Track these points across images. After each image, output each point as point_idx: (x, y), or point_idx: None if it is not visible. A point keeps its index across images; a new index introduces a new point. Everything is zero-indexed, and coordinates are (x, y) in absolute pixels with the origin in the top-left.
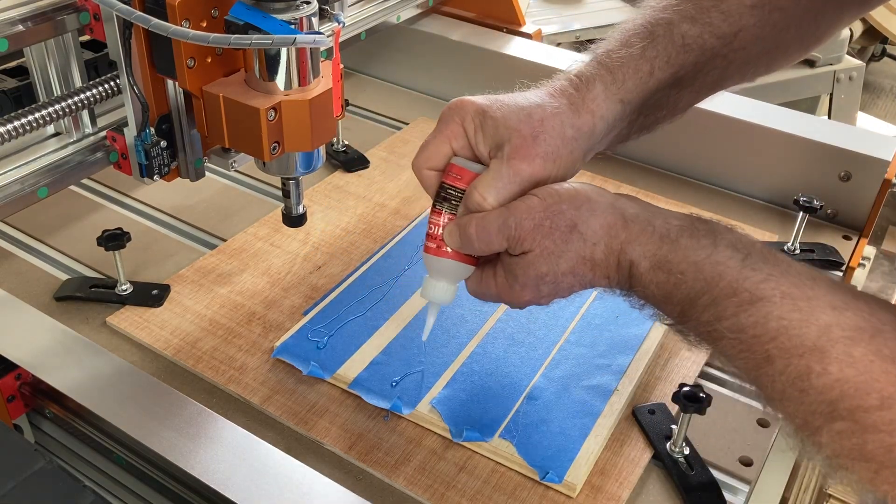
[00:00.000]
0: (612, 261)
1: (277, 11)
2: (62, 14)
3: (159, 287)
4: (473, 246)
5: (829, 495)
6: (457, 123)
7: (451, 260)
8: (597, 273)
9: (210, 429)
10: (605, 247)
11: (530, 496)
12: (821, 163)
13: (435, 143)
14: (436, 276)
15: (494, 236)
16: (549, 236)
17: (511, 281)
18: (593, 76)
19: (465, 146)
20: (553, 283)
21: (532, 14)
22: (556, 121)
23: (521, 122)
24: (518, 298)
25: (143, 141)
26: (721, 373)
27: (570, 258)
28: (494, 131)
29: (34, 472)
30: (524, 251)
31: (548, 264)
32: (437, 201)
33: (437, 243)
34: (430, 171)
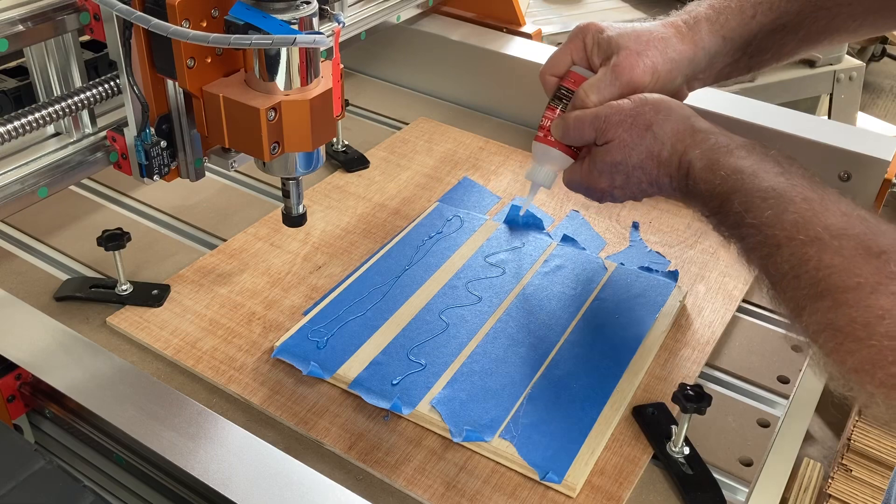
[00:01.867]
0: (675, 161)
1: (277, 11)
2: (62, 14)
3: (159, 287)
4: (570, 134)
5: (829, 495)
6: (579, 39)
7: (554, 148)
8: (661, 170)
9: (210, 429)
10: (671, 147)
11: (530, 496)
12: (821, 163)
13: (559, 54)
14: (541, 160)
15: (587, 127)
16: (628, 131)
17: (592, 168)
18: (700, 15)
19: (583, 58)
20: (625, 173)
21: (532, 14)
22: (661, 43)
23: (630, 39)
24: (596, 184)
25: (143, 141)
26: (721, 373)
27: (641, 152)
28: (608, 46)
29: (34, 472)
30: (607, 141)
31: (622, 154)
32: (552, 100)
33: (545, 132)
34: (551, 77)
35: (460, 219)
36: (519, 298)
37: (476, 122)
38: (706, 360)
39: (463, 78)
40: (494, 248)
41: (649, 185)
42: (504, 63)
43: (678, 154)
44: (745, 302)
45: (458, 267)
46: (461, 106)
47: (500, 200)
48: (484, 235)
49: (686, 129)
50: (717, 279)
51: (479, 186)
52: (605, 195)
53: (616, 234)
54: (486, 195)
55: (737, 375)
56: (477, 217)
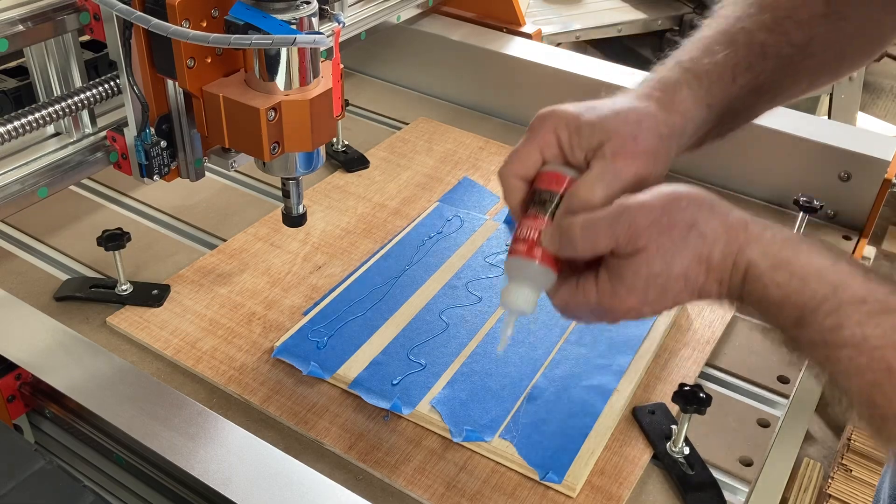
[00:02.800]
0: (729, 263)
1: (277, 11)
2: (62, 14)
3: (159, 287)
4: (577, 246)
5: (829, 495)
6: (548, 131)
7: (541, 265)
8: (710, 276)
9: (210, 429)
10: (725, 246)
11: (530, 496)
12: (821, 163)
13: (526, 151)
14: (520, 281)
15: (602, 234)
16: (666, 233)
17: (616, 284)
18: (679, 80)
19: (558, 154)
20: (663, 286)
21: (532, 14)
22: (652, 120)
23: (618, 123)
24: (620, 305)
25: (143, 141)
26: (721, 373)
27: (686, 257)
28: (591, 135)
29: (34, 472)
30: (637, 249)
31: (662, 263)
32: (530, 207)
33: (527, 245)
34: (518, 181)
35: (460, 219)
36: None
37: (476, 122)
38: (706, 360)
39: (463, 78)
40: (494, 248)
41: (690, 295)
42: (504, 63)
43: (733, 254)
44: None
45: (458, 267)
46: (461, 106)
47: (500, 200)
48: (484, 235)
49: (737, 223)
50: None
51: (479, 186)
52: (626, 315)
53: None
54: (486, 195)
55: (737, 375)
56: (477, 217)
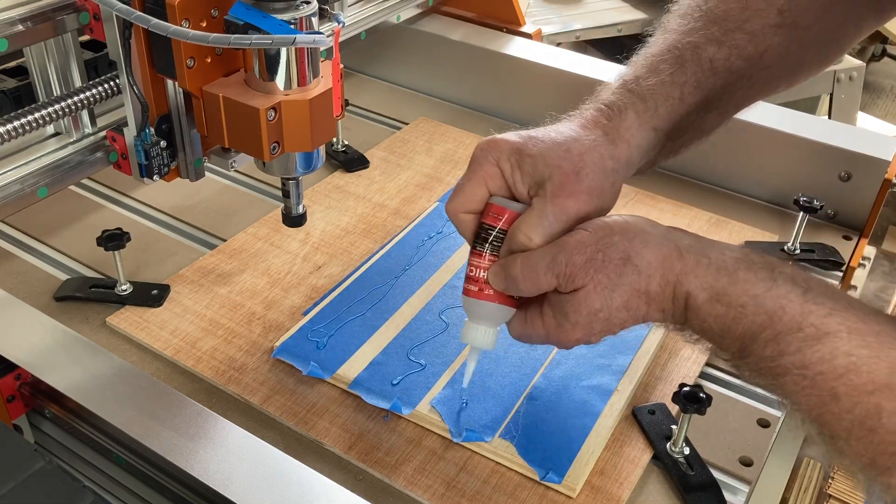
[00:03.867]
0: (668, 293)
1: (277, 11)
2: (62, 14)
3: (159, 287)
4: (519, 287)
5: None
6: (491, 164)
7: (493, 303)
8: (651, 306)
9: (210, 429)
10: (661, 278)
11: (530, 496)
12: (821, 163)
13: (470, 186)
14: (477, 319)
15: (543, 275)
16: (601, 270)
17: (561, 320)
18: (624, 104)
19: (502, 186)
20: (606, 319)
21: (532, 14)
22: (596, 154)
23: (560, 157)
24: (568, 338)
25: (142, 141)
26: (721, 373)
27: (625, 291)
28: (533, 169)
29: (34, 472)
30: (576, 287)
31: (601, 299)
32: (476, 243)
33: (478, 286)
34: (466, 215)
35: None
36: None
37: (476, 122)
38: (706, 360)
39: (463, 78)
40: None
41: (635, 321)
42: (504, 63)
43: (671, 284)
44: None
45: (458, 267)
46: (461, 106)
47: None
48: None
49: (671, 252)
50: None
51: None
52: (577, 343)
53: None
54: None
55: (737, 375)
56: None
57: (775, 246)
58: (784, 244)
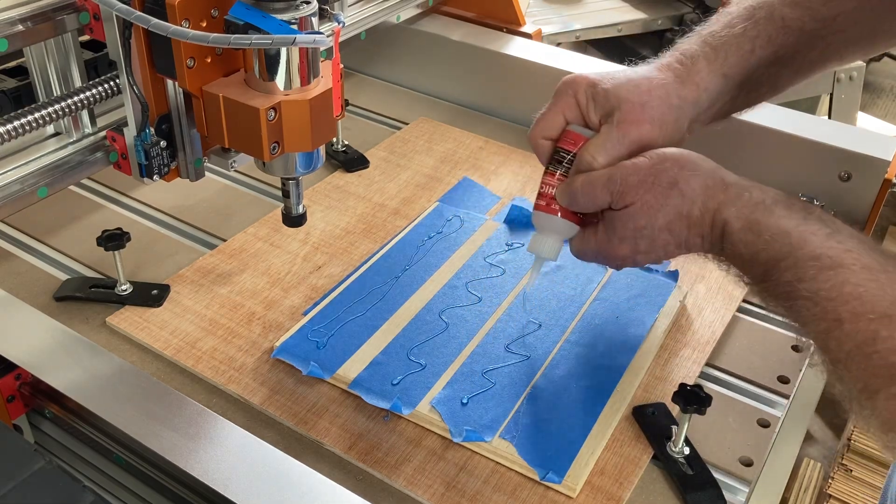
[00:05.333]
0: (707, 219)
1: (277, 11)
2: (62, 14)
3: (159, 287)
4: (578, 201)
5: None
6: (570, 96)
7: (558, 217)
8: (692, 231)
9: (210, 429)
10: (702, 205)
11: (530, 496)
12: (821, 163)
13: (550, 115)
14: (543, 231)
15: (599, 191)
16: (650, 191)
17: (610, 234)
18: (697, 53)
19: (578, 116)
20: (650, 238)
21: (532, 14)
22: (663, 90)
23: (629, 91)
24: (615, 252)
25: (142, 141)
26: (721, 373)
27: (668, 213)
28: (605, 101)
29: (34, 472)
30: (626, 205)
31: (646, 217)
32: (550, 164)
33: (547, 201)
34: (544, 141)
35: (460, 219)
36: (519, 298)
37: (476, 122)
38: (706, 360)
39: (463, 78)
40: (494, 248)
41: (677, 247)
42: (504, 63)
43: (710, 212)
44: (745, 302)
45: (458, 267)
46: (461, 106)
47: (500, 200)
48: (484, 235)
49: (716, 184)
50: (717, 279)
51: (479, 186)
52: (625, 262)
53: None
54: (486, 195)
55: (737, 375)
56: (477, 217)
57: None
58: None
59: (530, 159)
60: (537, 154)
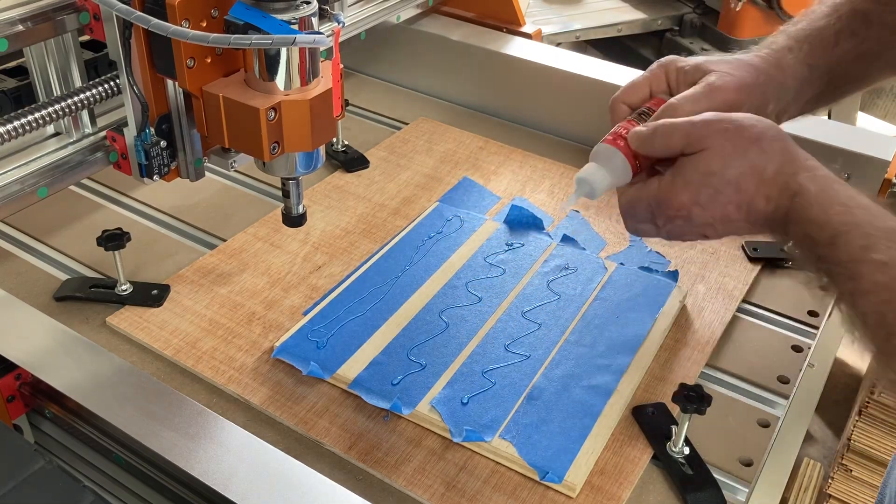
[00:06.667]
0: (780, 181)
1: (277, 11)
2: (62, 14)
3: (159, 287)
4: (654, 143)
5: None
6: (661, 70)
7: (622, 155)
8: (760, 190)
9: (210, 429)
10: (778, 167)
11: (530, 496)
12: (821, 163)
13: (637, 82)
14: (602, 161)
15: (678, 134)
16: (731, 139)
17: (675, 176)
18: (783, 45)
19: (665, 91)
20: (715, 188)
21: (532, 14)
22: (752, 68)
23: (719, 64)
24: (674, 198)
25: (142, 141)
26: (721, 373)
27: (742, 166)
28: (695, 72)
29: (34, 472)
30: (702, 148)
31: (719, 163)
32: (632, 115)
33: (615, 137)
34: (624, 106)
35: (460, 219)
36: (519, 298)
37: (476, 122)
38: (706, 360)
39: (463, 78)
40: (494, 248)
41: (736, 207)
42: (504, 63)
43: (785, 175)
44: (745, 302)
45: (458, 267)
46: (461, 106)
47: (500, 200)
48: (484, 235)
49: (798, 154)
50: (717, 279)
51: (479, 186)
52: (678, 214)
53: (616, 234)
54: (486, 195)
55: (737, 375)
56: (477, 217)
57: (775, 246)
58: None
59: (530, 159)
60: (612, 117)
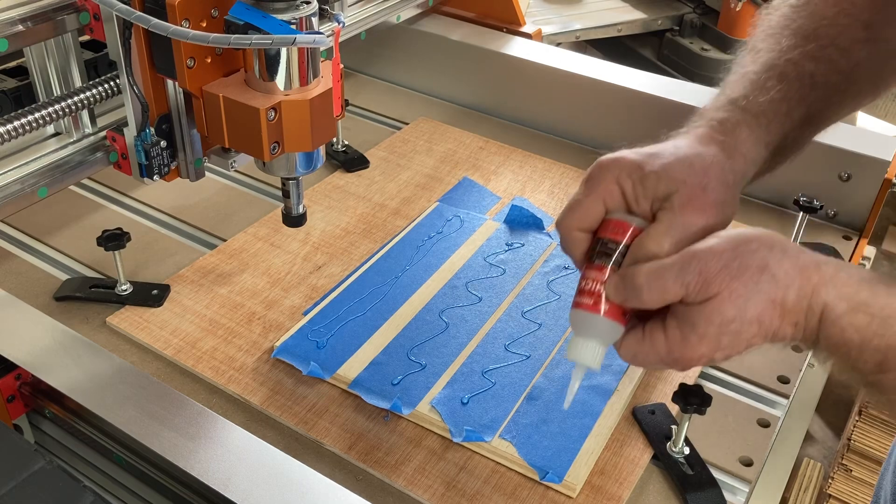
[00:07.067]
0: (804, 305)
1: (277, 11)
2: (62, 14)
3: (159, 287)
4: (643, 296)
5: (829, 495)
6: (610, 181)
7: (608, 318)
8: (785, 320)
9: (210, 429)
10: (799, 289)
11: (530, 496)
12: (821, 163)
13: (588, 203)
14: (587, 335)
15: (671, 283)
16: (738, 277)
17: (687, 332)
18: (737, 121)
19: (621, 203)
20: (736, 332)
21: (532, 14)
22: (718, 168)
23: (685, 172)
24: (693, 353)
25: (142, 141)
26: (721, 373)
27: (760, 301)
28: (656, 184)
29: (34, 472)
30: (709, 295)
31: (736, 308)
32: (595, 257)
33: (593, 299)
34: (580, 233)
35: (460, 219)
36: (519, 298)
37: (476, 122)
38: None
39: (463, 78)
40: (494, 248)
41: (763, 338)
42: (504, 63)
43: (807, 296)
44: None
45: (458, 267)
46: (461, 106)
47: (500, 200)
48: (484, 235)
49: (809, 263)
50: None
51: (479, 186)
52: (698, 363)
53: None
54: (486, 195)
55: (737, 375)
56: (477, 217)
57: None
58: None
59: (530, 159)
60: (569, 248)
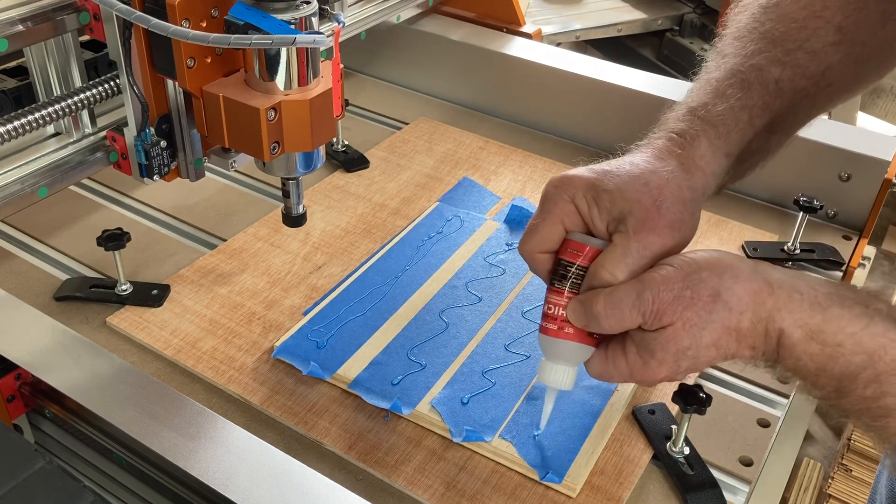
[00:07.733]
0: (760, 330)
1: (277, 11)
2: (62, 14)
3: (159, 287)
4: (602, 324)
5: (829, 495)
6: (566, 201)
7: (573, 342)
8: (742, 344)
9: (210, 429)
10: (752, 315)
11: (530, 496)
12: (821, 163)
13: (546, 225)
14: (555, 358)
15: (628, 312)
16: (690, 307)
17: (647, 358)
18: (696, 133)
19: (579, 223)
20: (694, 357)
21: (532, 14)
22: (674, 185)
23: (639, 192)
24: (653, 376)
25: (142, 141)
26: (721, 373)
27: (715, 329)
28: (611, 205)
29: (34, 472)
30: (663, 325)
31: (690, 337)
32: (554, 280)
33: (557, 324)
34: (542, 255)
35: (460, 219)
36: (519, 298)
37: (476, 122)
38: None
39: (463, 78)
40: (494, 248)
41: (722, 359)
42: (504, 63)
43: (762, 321)
44: None
45: (458, 267)
46: (461, 106)
47: (500, 200)
48: (484, 235)
49: (762, 288)
50: None
51: (479, 186)
52: (661, 381)
53: None
54: (486, 195)
55: (737, 375)
56: (477, 217)
57: (775, 246)
58: (784, 244)
59: (530, 159)
60: (534, 270)
